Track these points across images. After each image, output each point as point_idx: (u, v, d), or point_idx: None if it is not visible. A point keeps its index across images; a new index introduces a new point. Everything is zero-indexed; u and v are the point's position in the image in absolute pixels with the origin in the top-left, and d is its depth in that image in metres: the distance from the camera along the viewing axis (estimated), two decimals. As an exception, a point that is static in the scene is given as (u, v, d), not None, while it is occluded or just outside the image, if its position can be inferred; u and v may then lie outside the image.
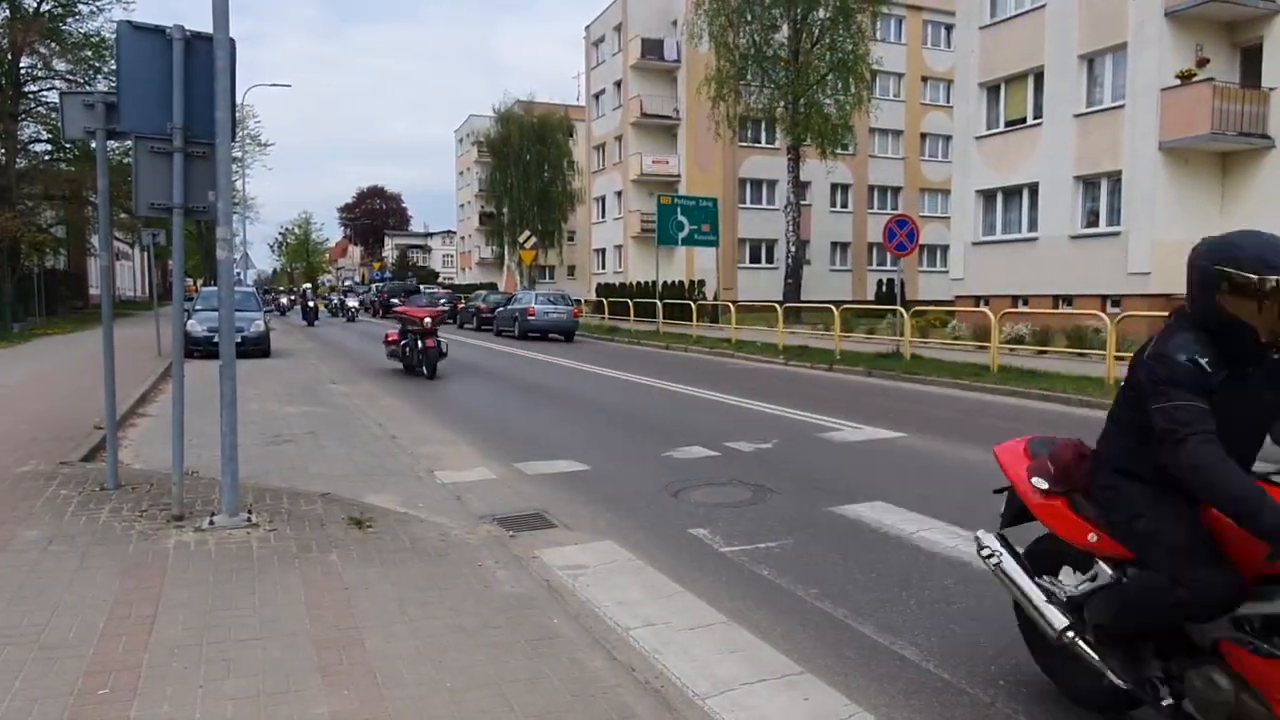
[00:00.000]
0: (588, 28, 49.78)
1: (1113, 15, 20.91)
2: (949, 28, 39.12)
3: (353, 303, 43.18)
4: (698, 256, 37.82)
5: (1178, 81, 19.63)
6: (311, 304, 38.98)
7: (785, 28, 28.99)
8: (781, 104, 29.17)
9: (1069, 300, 21.87)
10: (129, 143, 6.01)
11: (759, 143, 40.71)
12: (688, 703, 3.38)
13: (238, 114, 6.26)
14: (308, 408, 11.13)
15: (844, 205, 43.51)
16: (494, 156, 52.13)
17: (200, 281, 46.65)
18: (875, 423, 10.13)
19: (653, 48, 42.70)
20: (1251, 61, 19.94)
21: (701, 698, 3.43)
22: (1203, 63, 19.63)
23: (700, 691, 3.48)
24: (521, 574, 4.74)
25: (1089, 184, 22.01)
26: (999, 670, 3.68)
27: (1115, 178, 21.16)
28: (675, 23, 41.10)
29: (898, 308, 18.16)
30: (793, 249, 30.40)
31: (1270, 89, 19.22)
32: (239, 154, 46.82)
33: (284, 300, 54.08)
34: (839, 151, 31.13)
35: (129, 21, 5.40)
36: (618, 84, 45.72)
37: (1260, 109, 19.30)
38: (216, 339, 5.79)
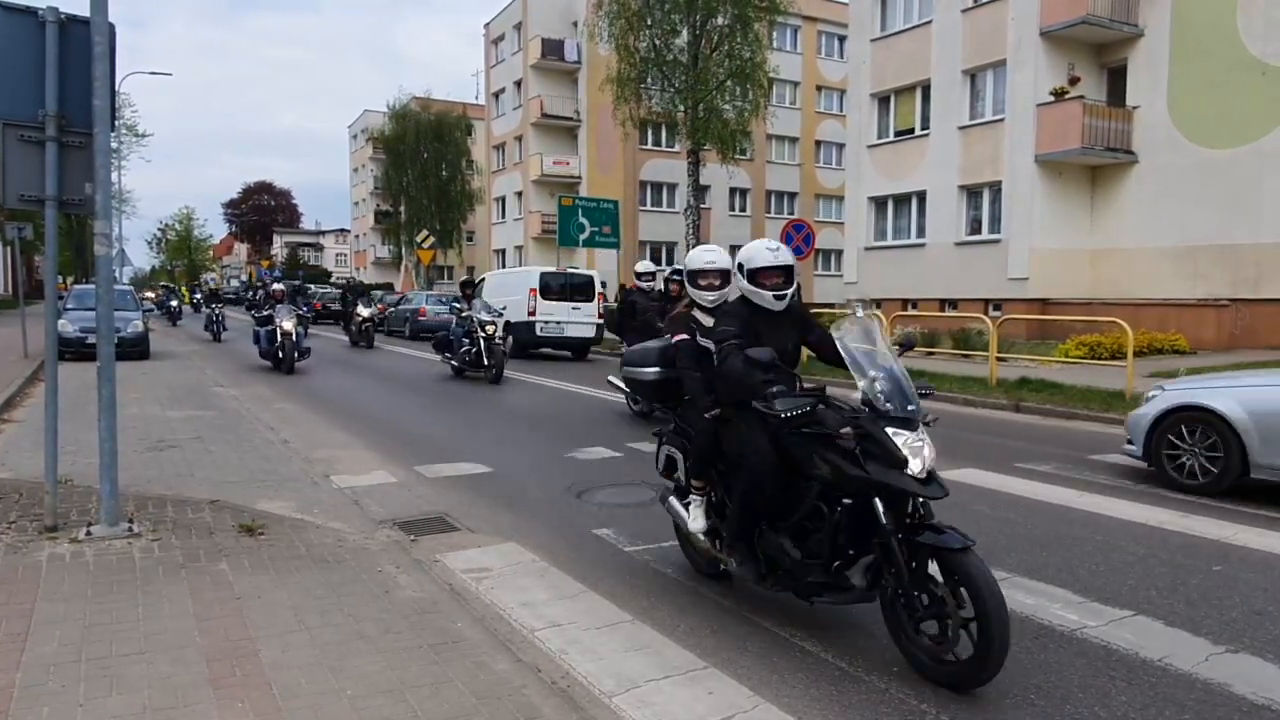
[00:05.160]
0: (487, 26, 49.17)
1: (993, 33, 22.01)
2: (842, 39, 40.40)
3: (365, 311, 23.03)
4: (599, 258, 37.91)
5: (1052, 98, 20.83)
6: (207, 307, 25.76)
7: (685, 33, 29.30)
8: (681, 108, 29.48)
9: (954, 304, 22.88)
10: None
11: (659, 146, 41.07)
12: (594, 701, 3.39)
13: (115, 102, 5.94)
14: (193, 411, 10.64)
15: (742, 209, 44.32)
16: (389, 154, 50.87)
17: (71, 279, 43.94)
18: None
19: (553, 48, 42.53)
20: (1117, 81, 21.33)
21: (608, 696, 3.45)
22: (1074, 81, 20.88)
23: (606, 690, 3.50)
24: (423, 578, 4.66)
25: (972, 193, 23.09)
26: (893, 658, 3.83)
27: (996, 188, 22.27)
28: (576, 24, 41.04)
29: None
30: (693, 251, 30.78)
31: (1134, 107, 20.59)
32: (115, 144, 42.64)
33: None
34: (738, 156, 31.66)
35: (-4, 1, 5.05)
36: (518, 83, 45.33)
37: (1125, 126, 20.65)
38: (90, 339, 5.49)
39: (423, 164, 48.68)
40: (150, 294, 42.23)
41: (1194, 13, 19.35)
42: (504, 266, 48.02)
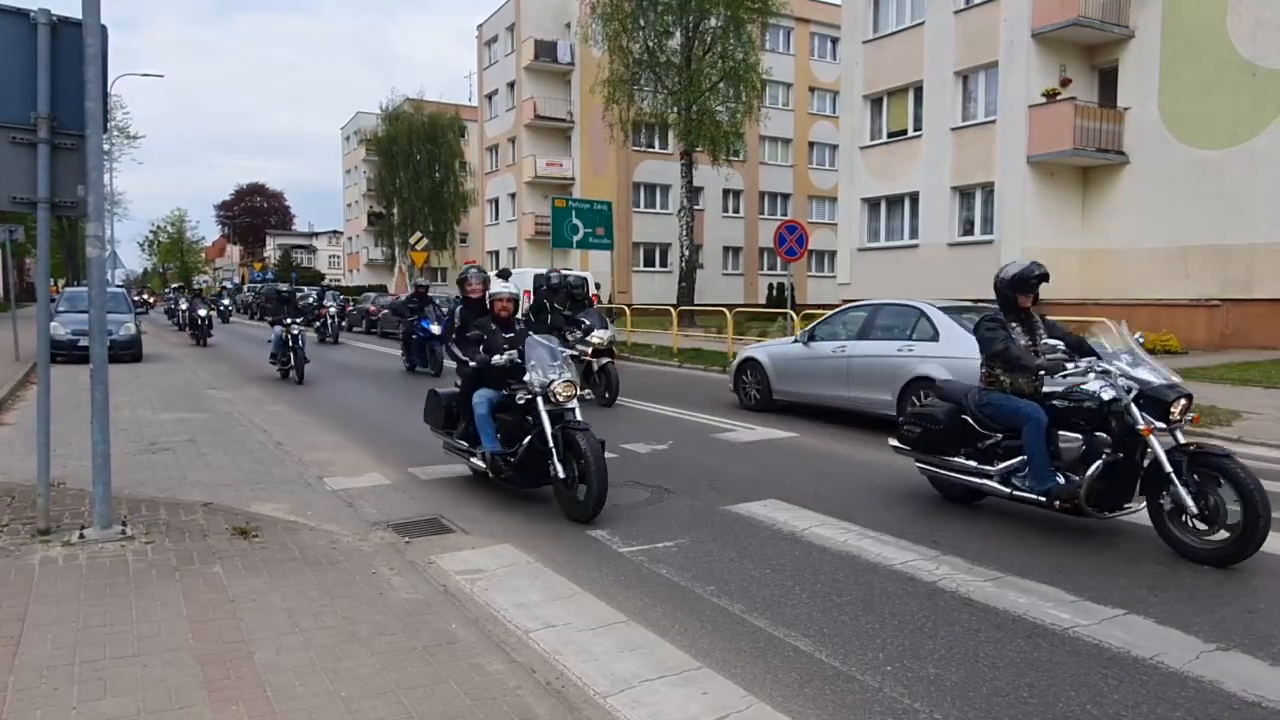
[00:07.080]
0: (480, 27, 49.14)
1: (985, 35, 22.09)
2: (835, 40, 40.47)
3: (598, 336, 12.34)
4: (592, 260, 37.92)
5: (1043, 99, 20.90)
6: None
7: (678, 35, 29.37)
8: (674, 110, 29.54)
9: (947, 304, 22.92)
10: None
11: (652, 147, 41.09)
12: (589, 702, 3.40)
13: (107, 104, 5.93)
14: (186, 414, 10.62)
15: (736, 211, 44.36)
16: (382, 156, 50.84)
17: (63, 281, 43.76)
18: (768, 423, 10.38)
19: (546, 50, 42.53)
20: (1108, 82, 21.42)
21: (602, 696, 3.45)
22: (1066, 82, 20.96)
23: (601, 690, 3.50)
24: (417, 580, 4.66)
25: (964, 194, 23.16)
26: (886, 657, 3.84)
27: (988, 189, 22.33)
28: (569, 25, 41.06)
29: (788, 311, 18.66)
30: (686, 253, 30.82)
31: (1125, 109, 20.68)
32: (107, 146, 42.34)
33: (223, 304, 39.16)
34: (731, 158, 31.72)
35: (-13, 3, 5.04)
36: (511, 85, 45.33)
37: (1116, 127, 20.74)
38: (82, 342, 5.48)
39: (416, 166, 48.69)
40: (148, 296, 41.24)
41: (1184, 15, 19.45)
42: (497, 268, 48.13)
